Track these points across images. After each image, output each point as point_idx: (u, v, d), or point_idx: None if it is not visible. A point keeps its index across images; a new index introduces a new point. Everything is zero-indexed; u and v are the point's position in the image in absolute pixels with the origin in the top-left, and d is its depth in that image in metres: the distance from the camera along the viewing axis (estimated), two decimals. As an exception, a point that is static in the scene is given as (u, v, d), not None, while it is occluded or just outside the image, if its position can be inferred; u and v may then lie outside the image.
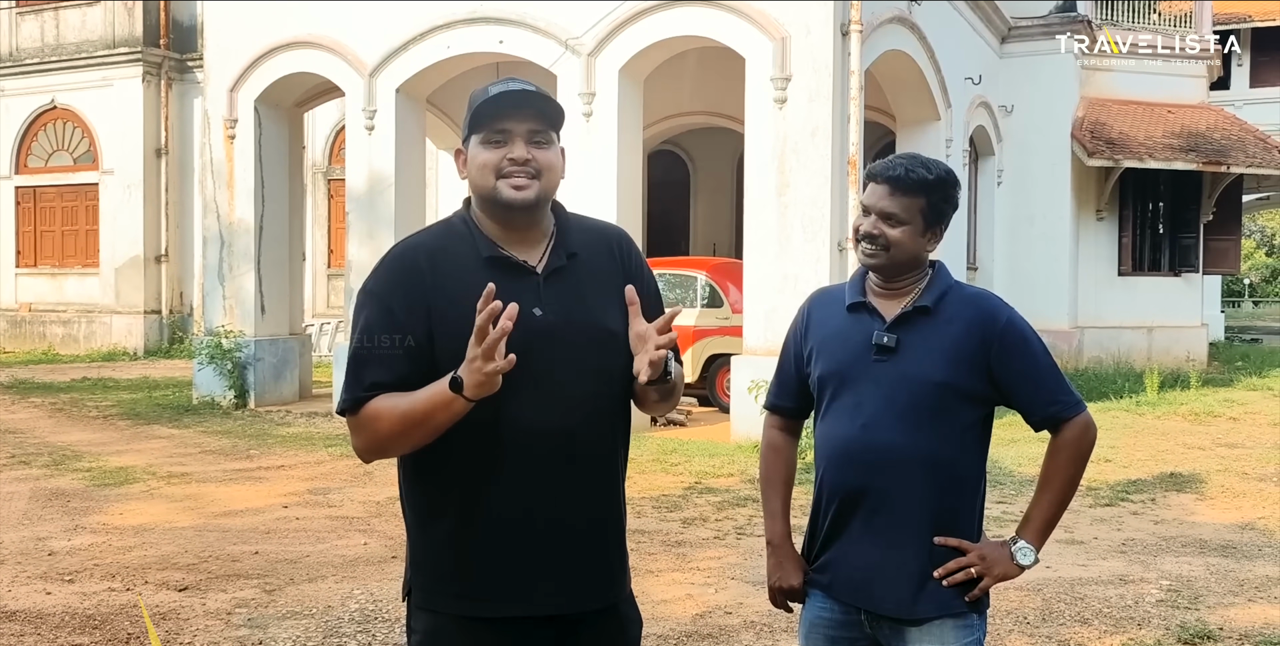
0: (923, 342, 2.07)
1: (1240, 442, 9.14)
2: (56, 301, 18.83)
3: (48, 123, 18.99)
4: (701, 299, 11.29)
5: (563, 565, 1.86)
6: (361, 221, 10.96)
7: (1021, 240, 14.87)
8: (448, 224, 1.94)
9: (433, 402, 1.75)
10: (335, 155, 17.82)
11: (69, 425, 10.17)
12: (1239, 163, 14.67)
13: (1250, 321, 33.73)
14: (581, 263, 1.92)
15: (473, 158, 1.88)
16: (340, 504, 6.70)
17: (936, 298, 2.10)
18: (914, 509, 2.05)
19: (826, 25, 9.04)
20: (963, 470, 2.09)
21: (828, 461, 2.14)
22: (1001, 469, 7.65)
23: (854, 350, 2.10)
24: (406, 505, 1.94)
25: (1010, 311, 2.12)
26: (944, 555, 2.06)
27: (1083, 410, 2.09)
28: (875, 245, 2.09)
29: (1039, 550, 2.09)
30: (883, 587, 2.06)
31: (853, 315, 2.15)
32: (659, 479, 7.45)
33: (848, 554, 2.11)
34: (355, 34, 10.88)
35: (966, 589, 2.06)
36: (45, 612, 4.53)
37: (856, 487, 2.08)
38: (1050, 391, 2.08)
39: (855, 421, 2.08)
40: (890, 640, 2.10)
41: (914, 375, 2.04)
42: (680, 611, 4.55)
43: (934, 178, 2.08)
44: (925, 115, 12.19)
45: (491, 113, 1.85)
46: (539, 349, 1.80)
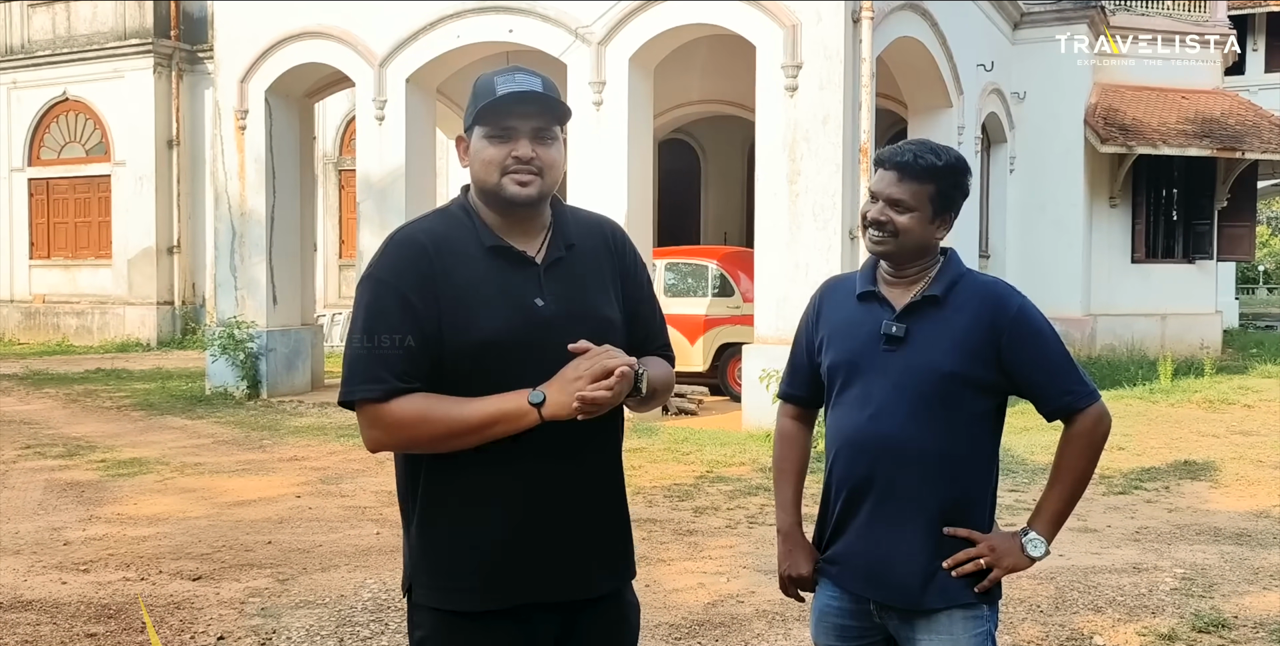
0: (932, 332, 2.05)
1: (1255, 430, 9.09)
2: (70, 293, 18.92)
3: (60, 115, 19.05)
4: (713, 288, 11.27)
5: (571, 551, 1.87)
6: (372, 211, 10.97)
7: (1034, 227, 14.80)
8: (447, 211, 1.94)
9: (502, 414, 1.76)
10: (346, 145, 17.83)
11: (83, 416, 10.22)
12: (1254, 149, 14.55)
13: (1265, 308, 33.51)
14: (579, 254, 1.94)
15: (477, 151, 1.87)
16: (353, 493, 6.72)
17: (947, 287, 2.07)
18: (922, 499, 2.04)
19: (837, 12, 8.99)
20: (973, 460, 2.07)
21: (837, 451, 2.13)
22: (1014, 457, 7.63)
23: (863, 340, 2.08)
24: (409, 498, 1.91)
25: (1022, 299, 2.08)
26: (953, 545, 2.04)
27: (1096, 400, 2.06)
28: (883, 232, 2.07)
29: (1050, 542, 2.08)
30: (890, 578, 2.06)
31: (863, 304, 2.13)
32: (671, 468, 7.45)
33: (856, 543, 2.11)
34: (365, 24, 10.87)
35: (976, 580, 2.04)
36: (61, 602, 4.56)
37: (865, 477, 2.07)
38: (1063, 381, 2.05)
39: (864, 411, 2.07)
40: (899, 630, 2.09)
41: (922, 365, 2.03)
42: (692, 600, 4.55)
43: (943, 164, 2.05)
44: (937, 102, 12.12)
45: (499, 109, 1.84)
46: (541, 337, 1.82)
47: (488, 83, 1.87)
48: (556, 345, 1.81)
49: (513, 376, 1.78)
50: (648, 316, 2.03)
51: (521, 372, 1.79)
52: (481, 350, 1.80)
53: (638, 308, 2.01)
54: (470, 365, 1.80)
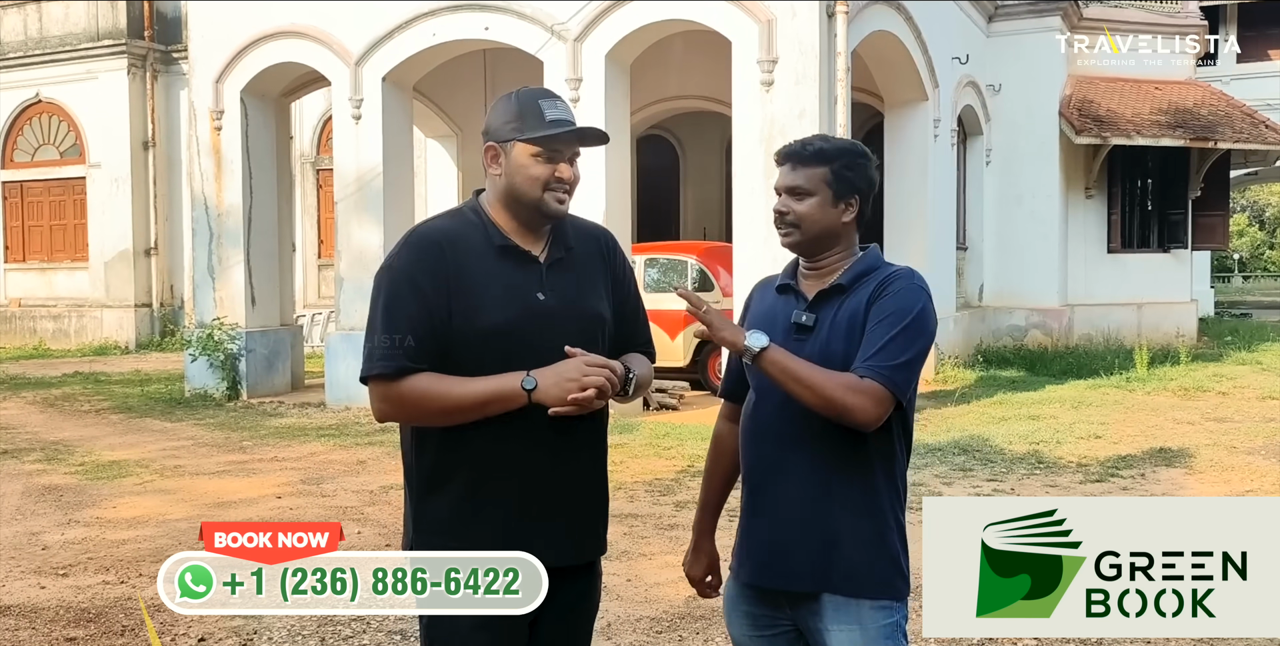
0: (833, 319, 2.09)
1: (1229, 417, 9.19)
2: (46, 296, 18.77)
3: (33, 117, 18.88)
4: (692, 282, 11.29)
5: (561, 520, 2.08)
6: (351, 211, 10.93)
7: (1011, 219, 14.88)
8: (460, 213, 2.16)
9: (496, 395, 1.99)
10: (323, 145, 17.73)
11: (61, 420, 10.16)
12: (1226, 138, 14.67)
13: (1240, 296, 33.83)
14: (576, 256, 2.17)
15: (523, 166, 2.07)
16: (334, 494, 6.72)
17: (854, 276, 2.12)
18: (815, 484, 2.06)
19: (812, 7, 9.03)
20: (870, 443, 2.05)
21: (743, 441, 2.19)
22: (992, 447, 7.69)
23: (778, 331, 2.11)
24: (414, 471, 2.11)
25: (907, 283, 2.07)
26: (848, 530, 2.04)
27: (882, 382, 1.97)
28: (784, 223, 2.14)
29: (767, 358, 1.98)
30: (789, 564, 2.08)
31: (781, 297, 2.20)
32: (652, 463, 7.47)
33: (754, 532, 2.15)
34: (340, 23, 10.82)
35: (877, 566, 2.05)
36: (39, 606, 4.55)
37: (764, 466, 2.13)
38: (876, 352, 2.00)
39: (772, 399, 2.10)
40: (806, 620, 2.10)
41: (824, 351, 2.06)
42: (673, 594, 4.58)
43: (832, 148, 2.13)
44: (913, 95, 12.18)
45: (555, 135, 2.06)
46: (541, 328, 2.05)
47: (532, 104, 2.08)
48: (554, 334, 2.04)
49: (515, 361, 2.01)
50: (632, 316, 2.25)
51: (522, 358, 2.01)
52: (487, 337, 2.02)
53: (624, 308, 2.23)
54: (476, 350, 2.02)
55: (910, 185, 12.23)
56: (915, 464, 7.18)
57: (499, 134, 2.09)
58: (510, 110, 2.09)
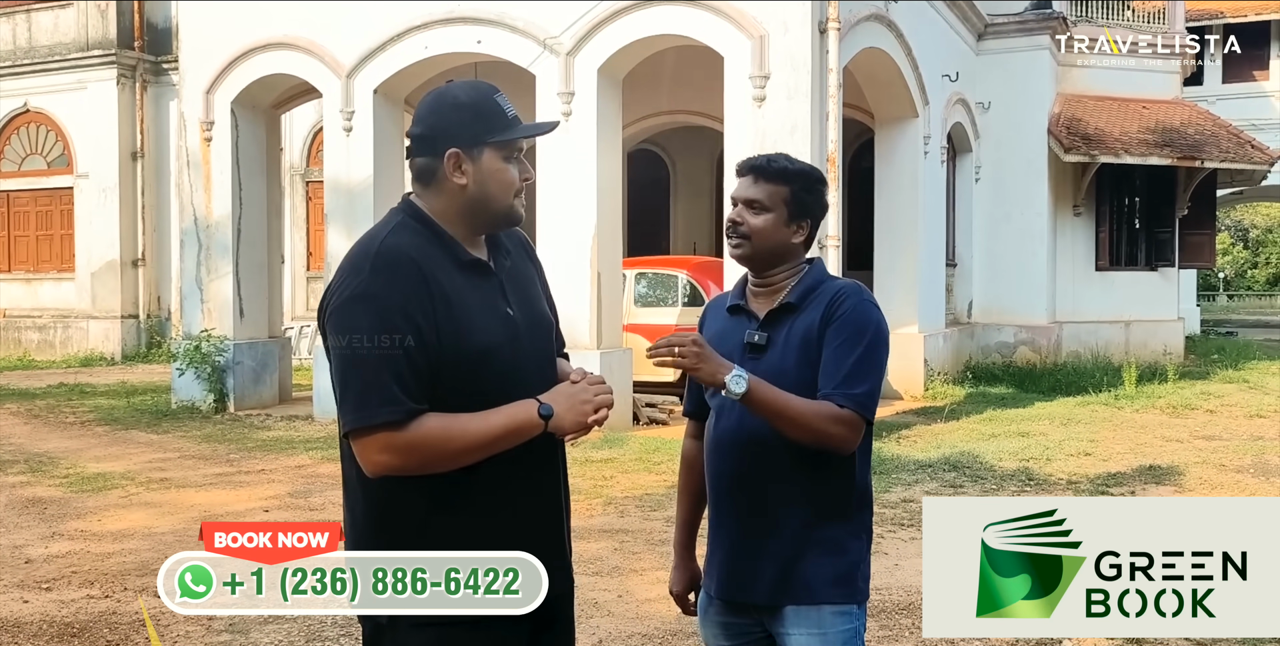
0: (785, 338, 2.12)
1: (1218, 434, 9.21)
2: (32, 307, 18.63)
3: (20, 126, 18.79)
4: (683, 297, 11.29)
5: (540, 530, 1.95)
6: (340, 223, 10.89)
7: (999, 236, 14.95)
8: (408, 225, 1.88)
9: (514, 427, 1.80)
10: (313, 157, 17.71)
11: (46, 432, 10.07)
12: (1213, 157, 14.78)
13: (1225, 314, 34.04)
14: (515, 261, 2.00)
15: (498, 172, 1.88)
16: (321, 507, 6.66)
17: (803, 293, 2.15)
18: (775, 495, 2.10)
19: (804, 23, 9.06)
20: (827, 458, 2.09)
21: (706, 457, 2.22)
22: (982, 463, 7.68)
23: (731, 351, 2.13)
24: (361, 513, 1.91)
25: (859, 301, 2.10)
26: (809, 540, 2.08)
27: (858, 411, 2.03)
28: (737, 233, 2.16)
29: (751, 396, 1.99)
30: (751, 576, 2.12)
31: (733, 317, 2.23)
32: (642, 478, 7.44)
33: (718, 545, 2.19)
34: (332, 35, 10.82)
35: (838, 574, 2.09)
36: (23, 621, 4.48)
37: (725, 481, 2.16)
38: (844, 377, 2.03)
39: (731, 417, 2.14)
40: (773, 626, 2.14)
41: (778, 370, 2.08)
42: (665, 610, 4.54)
43: (795, 169, 2.16)
44: (903, 112, 12.23)
45: (514, 134, 1.90)
46: (517, 344, 1.90)
47: (489, 102, 1.88)
48: (527, 352, 1.91)
49: (507, 382, 1.85)
50: (557, 319, 2.10)
51: (504, 381, 1.85)
52: (478, 360, 1.83)
53: (553, 310, 2.09)
54: (468, 375, 1.82)
55: (900, 201, 12.28)
56: (906, 480, 7.17)
57: (459, 138, 1.84)
58: (467, 110, 1.86)
